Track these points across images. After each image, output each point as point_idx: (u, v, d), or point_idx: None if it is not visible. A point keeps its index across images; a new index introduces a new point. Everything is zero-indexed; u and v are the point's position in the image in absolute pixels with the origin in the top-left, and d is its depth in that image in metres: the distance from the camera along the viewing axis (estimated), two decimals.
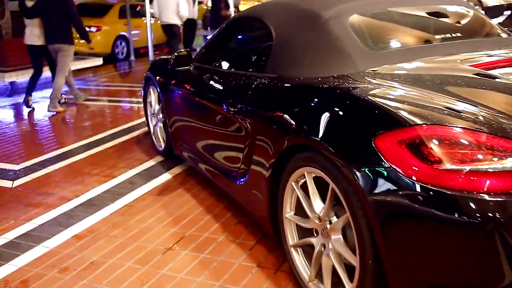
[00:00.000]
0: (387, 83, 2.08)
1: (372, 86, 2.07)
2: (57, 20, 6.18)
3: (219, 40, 3.41)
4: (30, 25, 6.37)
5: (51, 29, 6.23)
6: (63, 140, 5.06)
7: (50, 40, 6.29)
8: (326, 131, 1.95)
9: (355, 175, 1.77)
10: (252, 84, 2.67)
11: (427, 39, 2.64)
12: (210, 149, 3.31)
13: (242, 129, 2.73)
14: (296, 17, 2.66)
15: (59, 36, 6.24)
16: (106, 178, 3.95)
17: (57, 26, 6.20)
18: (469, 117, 1.72)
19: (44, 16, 6.24)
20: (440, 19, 2.88)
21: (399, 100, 1.87)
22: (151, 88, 4.35)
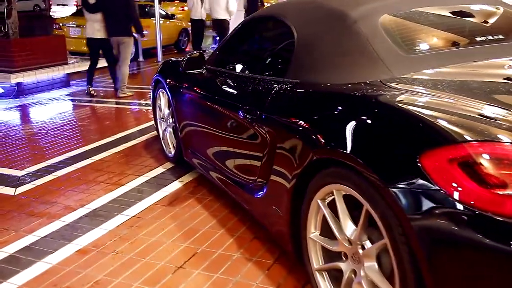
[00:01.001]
0: (429, 92, 1.85)
1: (413, 95, 1.84)
2: (118, 14, 6.86)
3: (234, 41, 3.20)
4: (90, 20, 6.99)
5: (113, 23, 6.90)
6: (68, 144, 4.87)
7: (112, 33, 6.95)
8: (361, 145, 1.73)
9: (396, 197, 1.55)
10: (272, 90, 2.45)
11: (466, 42, 2.41)
12: (223, 158, 3.10)
13: (260, 138, 2.52)
14: (321, 17, 2.44)
15: (120, 30, 6.94)
16: (113, 186, 3.75)
17: (119, 20, 6.88)
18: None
19: (106, 11, 6.88)
20: (479, 20, 2.65)
21: (447, 112, 1.65)
22: (161, 91, 4.15)
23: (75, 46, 10.89)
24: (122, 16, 6.92)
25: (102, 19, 6.94)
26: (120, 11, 6.88)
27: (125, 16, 6.96)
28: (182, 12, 18.81)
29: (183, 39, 13.63)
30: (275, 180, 2.34)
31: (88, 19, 7.07)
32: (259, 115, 2.46)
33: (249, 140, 2.68)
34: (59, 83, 7.90)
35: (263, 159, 2.52)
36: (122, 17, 6.93)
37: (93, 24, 6.98)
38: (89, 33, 7.11)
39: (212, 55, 3.32)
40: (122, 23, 6.97)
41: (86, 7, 7.00)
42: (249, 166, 2.76)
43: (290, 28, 2.55)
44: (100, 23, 6.95)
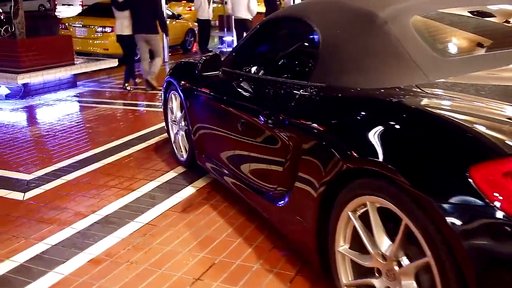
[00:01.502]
0: (472, 98, 1.74)
1: (456, 101, 1.73)
2: (146, 12, 7.11)
3: (252, 43, 3.08)
4: (120, 18, 7.25)
5: (140, 20, 7.12)
6: (77, 146, 4.77)
7: (139, 30, 7.17)
8: (401, 156, 1.61)
9: (442, 212, 1.43)
10: (296, 94, 2.33)
11: (501, 44, 2.28)
12: (240, 163, 2.99)
13: (282, 144, 2.40)
14: (348, 17, 2.33)
15: (147, 27, 7.17)
16: (124, 191, 3.64)
17: (146, 18, 7.11)
18: None
19: (134, 9, 7.11)
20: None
21: (497, 120, 1.53)
22: (173, 93, 4.03)
23: (81, 46, 10.80)
24: (150, 14, 7.15)
25: (130, 16, 7.19)
26: (148, 9, 7.13)
27: (152, 14, 7.17)
28: (189, 12, 18.71)
29: (189, 39, 13.52)
30: (300, 189, 2.22)
31: (117, 16, 7.32)
32: (282, 120, 2.35)
33: (269, 146, 2.57)
34: (65, 83, 7.80)
35: (285, 166, 2.40)
36: (150, 15, 7.15)
37: (122, 21, 7.23)
38: (118, 30, 7.39)
39: (228, 56, 3.21)
40: (149, 21, 7.18)
41: (116, 4, 7.24)
42: (269, 173, 2.65)
43: (313, 29, 2.43)
44: (128, 20, 7.21)
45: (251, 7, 9.37)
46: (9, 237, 2.97)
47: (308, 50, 2.59)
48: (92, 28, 10.83)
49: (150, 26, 7.22)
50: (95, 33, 10.79)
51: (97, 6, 12.07)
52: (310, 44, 2.55)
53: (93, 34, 10.81)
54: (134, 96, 7.45)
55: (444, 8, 2.41)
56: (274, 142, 2.50)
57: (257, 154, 2.75)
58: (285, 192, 2.44)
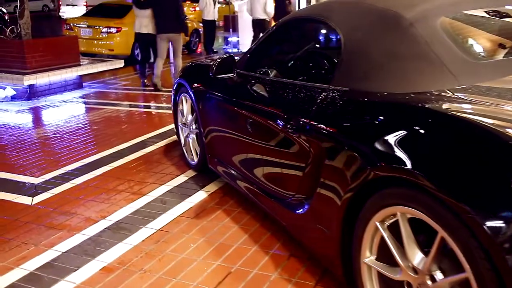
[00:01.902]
0: (510, 104, 1.65)
1: (493, 107, 1.64)
2: (169, 12, 7.21)
3: (268, 44, 2.99)
4: (139, 16, 7.43)
5: (163, 20, 7.24)
6: (85, 149, 4.70)
7: (161, 30, 7.29)
8: (437, 165, 1.53)
9: (483, 225, 1.35)
10: (317, 98, 2.25)
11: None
12: (255, 168, 2.91)
13: (302, 149, 2.32)
14: (372, 19, 2.24)
15: (171, 27, 7.30)
16: (134, 195, 3.56)
17: (170, 18, 7.23)
18: None
19: (157, 9, 7.23)
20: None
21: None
22: (183, 95, 3.96)
23: (86, 47, 10.76)
24: (173, 14, 7.26)
25: (150, 15, 7.33)
26: (171, 9, 7.24)
27: (175, 14, 7.30)
28: (194, 12, 18.63)
29: (194, 40, 13.45)
30: (322, 196, 2.14)
31: (137, 15, 7.49)
32: (302, 125, 2.26)
33: (287, 151, 2.49)
34: (71, 85, 7.74)
35: (305, 173, 2.32)
36: (172, 15, 7.27)
37: (142, 19, 7.40)
38: (136, 28, 7.55)
39: (242, 58, 3.13)
40: (172, 21, 7.30)
41: (137, 3, 7.40)
42: (287, 179, 2.57)
43: (335, 30, 2.35)
44: (148, 19, 7.35)
45: (267, 9, 9.59)
46: (18, 244, 2.89)
47: (329, 53, 2.51)
48: (97, 29, 10.78)
49: (174, 26, 7.34)
50: (100, 33, 10.74)
51: (102, 6, 12.02)
52: (331, 46, 2.48)
53: (98, 34, 10.76)
54: (141, 97, 7.39)
55: (469, 9, 2.33)
56: (292, 147, 2.42)
57: (273, 159, 2.67)
58: (305, 199, 2.36)
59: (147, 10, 7.32)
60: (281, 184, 2.65)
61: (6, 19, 15.96)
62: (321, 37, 2.66)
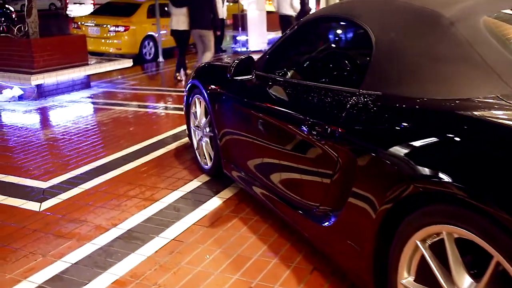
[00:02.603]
0: None
1: None
2: (202, 10, 7.62)
3: (289, 45, 2.83)
4: (176, 14, 7.81)
5: (197, 17, 7.64)
6: (94, 151, 4.56)
7: (194, 25, 7.69)
8: (492, 181, 1.37)
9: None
10: (346, 103, 2.09)
11: None
12: (275, 175, 2.75)
13: (329, 157, 2.16)
14: (407, 18, 2.08)
15: (203, 23, 7.66)
16: (146, 201, 3.42)
17: (202, 15, 7.63)
18: None
19: (192, 6, 7.63)
20: None
21: None
22: (197, 97, 3.81)
23: (94, 46, 10.65)
24: (206, 11, 7.68)
25: (186, 13, 7.73)
26: (205, 6, 7.67)
27: (208, 11, 7.72)
28: None
29: None
30: (353, 209, 1.99)
31: (173, 13, 7.88)
32: (330, 132, 2.10)
33: (312, 159, 2.33)
34: (79, 84, 7.61)
35: (332, 183, 2.16)
36: (206, 12, 7.68)
37: (179, 17, 7.78)
38: (174, 25, 7.91)
39: (261, 59, 2.97)
40: (205, 18, 7.69)
41: (173, 1, 7.82)
42: (311, 189, 2.41)
43: (364, 30, 2.19)
44: (184, 17, 7.76)
45: (293, 4, 9.91)
46: (26, 254, 2.76)
47: (357, 54, 2.35)
48: (105, 27, 10.68)
49: (204, 22, 7.68)
50: (108, 32, 10.63)
51: (110, 5, 11.91)
52: (360, 47, 2.31)
53: (106, 33, 10.66)
54: (150, 97, 7.25)
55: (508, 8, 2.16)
56: (318, 155, 2.26)
57: (295, 166, 2.51)
58: (331, 210, 2.21)
59: (183, 8, 7.71)
60: (303, 193, 2.49)
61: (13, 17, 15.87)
62: (349, 37, 2.50)
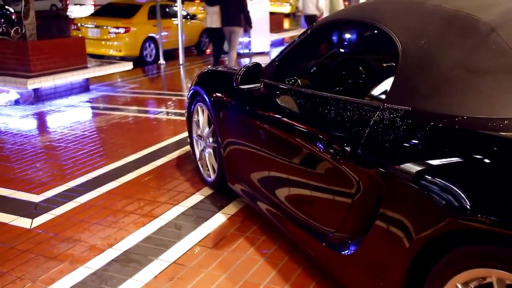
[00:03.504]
0: None
1: None
2: (234, 8, 8.11)
3: (302, 51, 2.59)
4: (210, 13, 8.30)
5: (228, 15, 8.11)
6: (91, 161, 4.33)
7: (227, 23, 8.14)
8: None
9: None
10: (370, 119, 1.85)
11: None
12: (285, 194, 2.52)
13: (349, 179, 1.93)
14: (438, 23, 1.84)
15: (234, 21, 8.17)
16: (144, 218, 3.18)
17: (233, 13, 8.13)
18: None
19: (224, 4, 8.10)
20: None
21: None
22: (199, 105, 3.57)
23: (94, 48, 10.43)
24: (237, 9, 8.14)
25: (219, 12, 8.18)
26: (235, 4, 8.12)
27: (239, 9, 8.16)
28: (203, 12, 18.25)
29: (204, 40, 13.09)
30: (377, 241, 1.75)
31: (207, 12, 8.42)
32: (351, 152, 1.87)
33: (329, 179, 2.10)
34: (78, 88, 7.39)
35: (352, 208, 1.93)
36: (237, 10, 8.15)
37: (212, 16, 8.26)
38: (208, 23, 8.42)
39: (269, 67, 2.73)
40: (236, 15, 8.17)
41: (207, 1, 8.40)
42: (326, 212, 2.18)
43: (389, 36, 1.95)
44: (217, 15, 8.21)
45: (319, 5, 10.21)
46: (13, 279, 2.52)
47: (380, 63, 2.11)
48: (105, 29, 10.45)
49: (236, 20, 8.18)
50: (108, 34, 10.40)
51: (110, 6, 11.69)
52: (383, 55, 2.08)
53: (106, 35, 10.42)
54: (151, 101, 7.02)
55: None
56: (335, 175, 2.03)
57: (310, 185, 2.28)
58: (350, 238, 1.98)
59: (216, 6, 8.15)
60: (317, 216, 2.26)
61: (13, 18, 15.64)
62: (370, 44, 2.27)
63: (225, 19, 8.18)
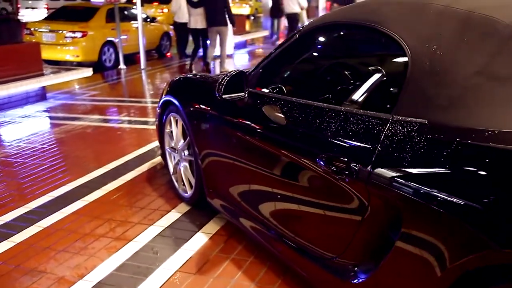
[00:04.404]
0: None
1: None
2: (218, 9, 8.52)
3: (290, 57, 2.37)
4: (194, 14, 8.80)
5: (214, 15, 8.54)
6: (52, 177, 3.98)
7: (213, 24, 8.58)
8: None
9: None
10: (379, 134, 1.66)
11: None
12: (276, 213, 2.31)
13: (354, 200, 1.74)
14: (451, 25, 1.67)
15: (220, 21, 8.60)
16: (118, 242, 2.90)
17: (219, 13, 8.54)
18: None
19: (209, 6, 8.53)
20: None
21: None
22: (172, 116, 3.31)
23: (49, 54, 9.93)
24: (221, 9, 8.54)
25: (203, 12, 8.63)
26: (220, 5, 8.51)
27: (223, 9, 8.57)
28: (162, 14, 17.85)
29: (165, 44, 12.76)
30: (394, 271, 1.56)
31: (191, 13, 8.86)
32: (359, 171, 1.67)
33: (329, 199, 1.90)
34: (34, 97, 6.94)
35: (360, 232, 1.74)
36: (221, 10, 8.55)
37: (196, 17, 8.77)
38: (192, 24, 8.95)
39: (253, 74, 2.51)
40: (221, 15, 8.58)
41: (191, 3, 8.76)
42: (327, 234, 1.98)
43: (394, 40, 1.76)
44: (202, 16, 8.69)
45: (301, 3, 10.86)
46: None
47: (383, 70, 1.92)
48: (60, 33, 9.96)
49: (222, 20, 8.60)
50: (64, 38, 9.92)
51: (65, 9, 11.18)
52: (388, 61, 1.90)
53: (62, 39, 9.94)
54: (114, 109, 6.65)
55: None
56: (337, 195, 1.83)
57: (305, 205, 2.07)
58: (357, 265, 1.78)
59: (200, 8, 8.62)
60: (315, 238, 2.06)
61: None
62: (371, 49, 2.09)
63: (211, 20, 8.60)
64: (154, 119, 5.85)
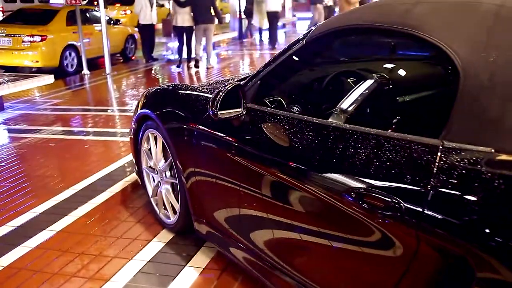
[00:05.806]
0: None
1: None
2: (205, 7, 9.09)
3: (294, 67, 2.02)
4: (181, 13, 9.22)
5: (201, 14, 9.12)
6: (12, 202, 3.51)
7: (200, 21, 9.13)
8: None
9: None
10: (429, 164, 1.33)
11: None
12: (285, 251, 1.96)
13: (395, 244, 1.41)
14: (510, 29, 1.36)
15: (207, 19, 9.16)
16: (92, 283, 2.49)
17: (205, 12, 9.12)
18: None
19: (195, 4, 9.07)
20: None
21: None
22: (150, 132, 2.92)
23: (5, 59, 9.31)
24: (208, 8, 9.07)
25: (189, 11, 9.14)
26: (206, 4, 9.06)
27: (210, 8, 9.09)
28: (125, 16, 17.21)
29: (130, 47, 12.23)
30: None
31: (178, 12, 9.24)
32: (406, 211, 1.34)
33: (358, 241, 1.56)
34: None
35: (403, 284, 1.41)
36: (208, 8, 9.08)
37: (183, 15, 9.21)
38: (179, 23, 9.31)
39: (250, 86, 2.14)
40: (208, 14, 9.14)
41: (178, 2, 9.17)
42: (356, 282, 1.65)
43: (437, 48, 1.44)
44: (188, 15, 9.20)
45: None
46: None
47: (427, 84, 1.60)
48: (17, 38, 9.33)
49: (209, 18, 9.15)
50: (22, 43, 9.29)
51: (22, 12, 10.51)
52: (431, 73, 1.57)
53: (20, 44, 9.32)
54: (79, 119, 6.15)
55: None
56: (368, 237, 1.50)
57: (324, 247, 1.73)
58: None
59: (187, 7, 9.09)
60: (338, 280, 1.72)
61: None
62: (404, 58, 1.76)
63: (198, 18, 9.13)
64: (123, 130, 5.40)
